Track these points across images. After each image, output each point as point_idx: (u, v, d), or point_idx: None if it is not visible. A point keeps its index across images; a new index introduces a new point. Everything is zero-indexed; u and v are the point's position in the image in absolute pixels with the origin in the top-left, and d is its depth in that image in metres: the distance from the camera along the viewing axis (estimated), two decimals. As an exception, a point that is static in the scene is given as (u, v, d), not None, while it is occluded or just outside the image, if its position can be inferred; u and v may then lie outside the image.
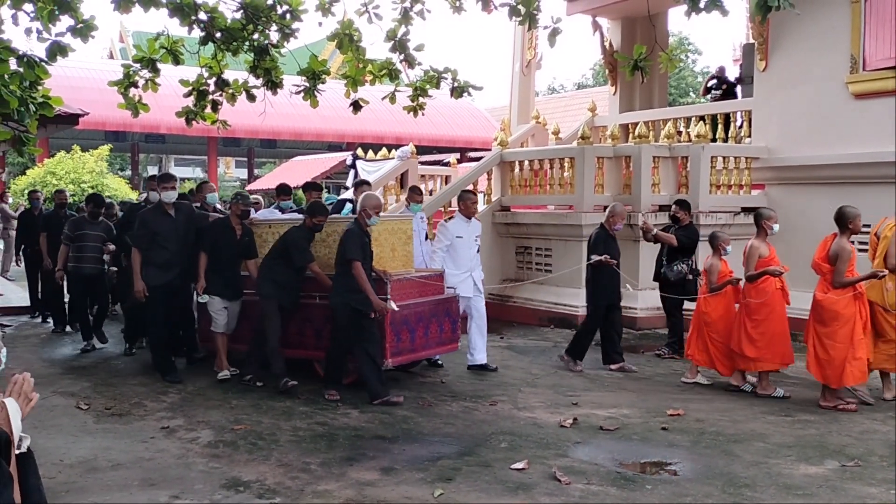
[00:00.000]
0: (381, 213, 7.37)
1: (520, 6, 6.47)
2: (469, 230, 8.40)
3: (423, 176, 14.29)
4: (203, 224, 8.00)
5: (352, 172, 15.01)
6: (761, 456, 5.49)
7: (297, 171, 25.29)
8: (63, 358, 8.86)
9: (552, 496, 4.74)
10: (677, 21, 65.20)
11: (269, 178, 27.68)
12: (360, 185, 9.09)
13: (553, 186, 11.73)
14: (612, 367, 8.34)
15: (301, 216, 8.38)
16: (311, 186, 9.18)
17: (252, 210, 9.37)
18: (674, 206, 9.33)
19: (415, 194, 9.00)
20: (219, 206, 9.71)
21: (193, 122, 7.80)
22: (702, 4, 5.32)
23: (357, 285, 6.76)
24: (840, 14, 10.50)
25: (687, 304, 9.47)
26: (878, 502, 4.67)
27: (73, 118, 12.34)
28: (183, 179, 46.27)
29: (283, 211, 9.38)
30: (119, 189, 18.21)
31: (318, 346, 7.52)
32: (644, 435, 6.01)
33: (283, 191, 9.96)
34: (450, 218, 8.66)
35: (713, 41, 65.91)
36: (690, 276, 8.87)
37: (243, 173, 37.08)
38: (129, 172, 31.46)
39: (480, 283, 8.47)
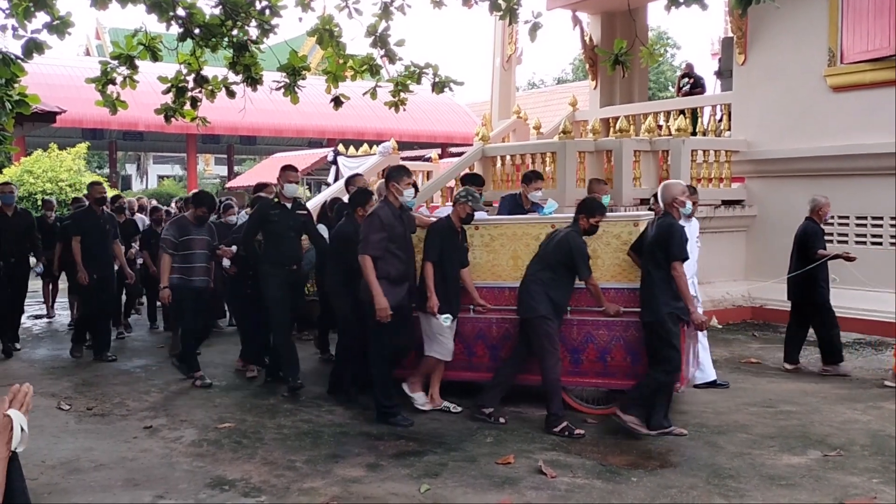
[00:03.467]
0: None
1: (500, 1, 6.46)
2: (692, 229, 7.16)
3: (404, 171, 14.23)
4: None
5: (333, 169, 15.00)
6: (745, 447, 5.53)
7: (278, 167, 25.05)
8: (43, 358, 8.77)
9: (538, 490, 4.75)
10: (657, 15, 65.48)
11: (249, 175, 27.55)
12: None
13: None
14: (789, 365, 7.94)
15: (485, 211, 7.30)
16: (471, 179, 7.67)
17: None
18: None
19: (601, 184, 7.87)
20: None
21: (172, 119, 7.72)
22: (682, -2, 5.34)
23: (678, 291, 5.75)
24: (818, 8, 10.59)
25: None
26: (860, 492, 4.72)
27: (49, 116, 12.26)
28: (162, 177, 46.19)
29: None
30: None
31: (575, 372, 6.37)
32: (628, 427, 6.03)
33: (476, 181, 7.77)
34: None
35: (692, 35, 66.33)
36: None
37: (223, 170, 36.90)
38: (107, 170, 31.19)
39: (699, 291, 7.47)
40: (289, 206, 7.27)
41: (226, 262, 7.81)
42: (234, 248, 7.69)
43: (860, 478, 4.94)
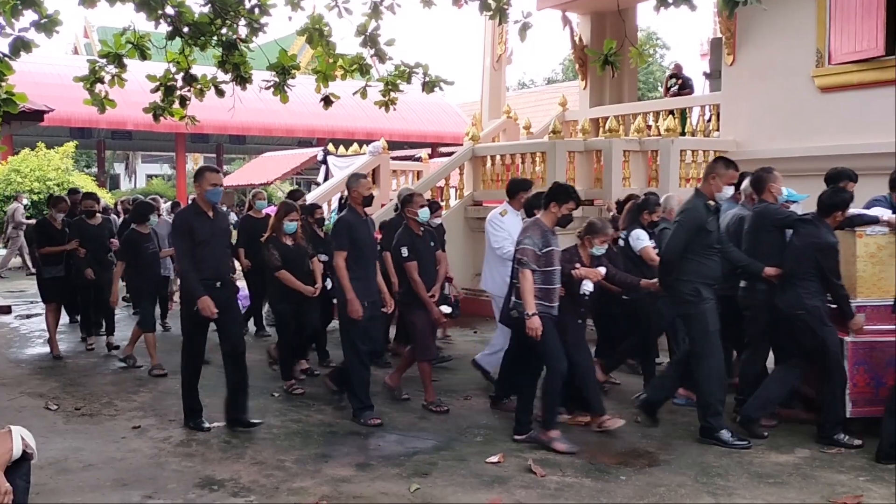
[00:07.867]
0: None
1: (490, 0, 6.48)
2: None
3: (394, 171, 14.27)
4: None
5: (323, 168, 14.98)
6: (733, 445, 5.55)
7: (267, 167, 25.13)
8: (31, 358, 8.71)
9: (528, 488, 4.76)
10: (646, 16, 65.67)
11: (239, 175, 27.47)
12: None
13: (525, 181, 11.75)
14: None
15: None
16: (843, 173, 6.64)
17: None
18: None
19: None
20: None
21: (161, 118, 7.71)
22: (670, -1, 5.36)
23: None
24: (806, 8, 10.64)
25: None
26: (848, 490, 4.75)
27: (37, 115, 12.19)
28: (151, 176, 46.03)
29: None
30: (86, 187, 17.94)
31: (878, 401, 5.62)
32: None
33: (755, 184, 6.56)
34: None
35: (681, 36, 66.59)
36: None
37: (212, 170, 36.72)
38: (95, 169, 31.04)
39: None
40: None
41: (588, 287, 5.81)
42: (602, 269, 5.99)
43: (848, 476, 4.97)
